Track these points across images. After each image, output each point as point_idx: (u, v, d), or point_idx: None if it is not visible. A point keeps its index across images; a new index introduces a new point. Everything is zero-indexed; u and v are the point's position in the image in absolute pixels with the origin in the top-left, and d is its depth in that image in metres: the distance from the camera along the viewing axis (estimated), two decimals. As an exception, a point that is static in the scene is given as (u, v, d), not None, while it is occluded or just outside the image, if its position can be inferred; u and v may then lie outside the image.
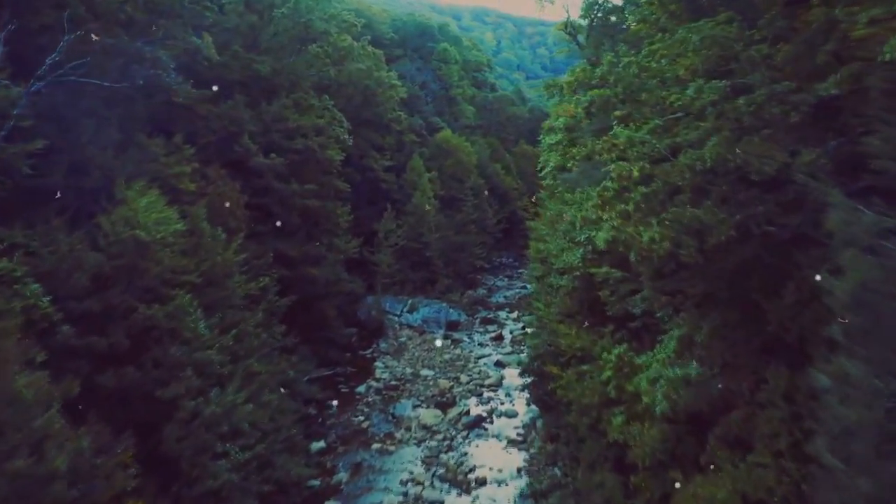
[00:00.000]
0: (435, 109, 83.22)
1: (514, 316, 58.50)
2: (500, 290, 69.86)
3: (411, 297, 55.43)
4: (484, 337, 52.54)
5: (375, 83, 59.19)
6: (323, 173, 43.96)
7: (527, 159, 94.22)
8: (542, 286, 38.88)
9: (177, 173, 30.54)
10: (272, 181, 38.83)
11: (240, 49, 41.90)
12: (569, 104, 44.83)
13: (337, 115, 46.73)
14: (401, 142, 66.19)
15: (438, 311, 53.38)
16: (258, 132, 39.74)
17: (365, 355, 47.11)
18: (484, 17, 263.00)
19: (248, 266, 30.94)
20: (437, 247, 59.79)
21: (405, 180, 62.77)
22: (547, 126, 61.05)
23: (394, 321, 52.53)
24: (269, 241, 37.92)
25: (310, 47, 47.55)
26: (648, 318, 24.69)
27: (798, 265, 15.32)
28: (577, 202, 36.15)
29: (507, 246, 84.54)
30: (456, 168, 70.17)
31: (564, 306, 31.63)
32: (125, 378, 22.03)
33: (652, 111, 17.27)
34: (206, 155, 37.11)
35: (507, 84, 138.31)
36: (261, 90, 43.77)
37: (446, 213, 66.64)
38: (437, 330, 51.42)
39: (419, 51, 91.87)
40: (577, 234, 30.42)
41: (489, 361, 46.37)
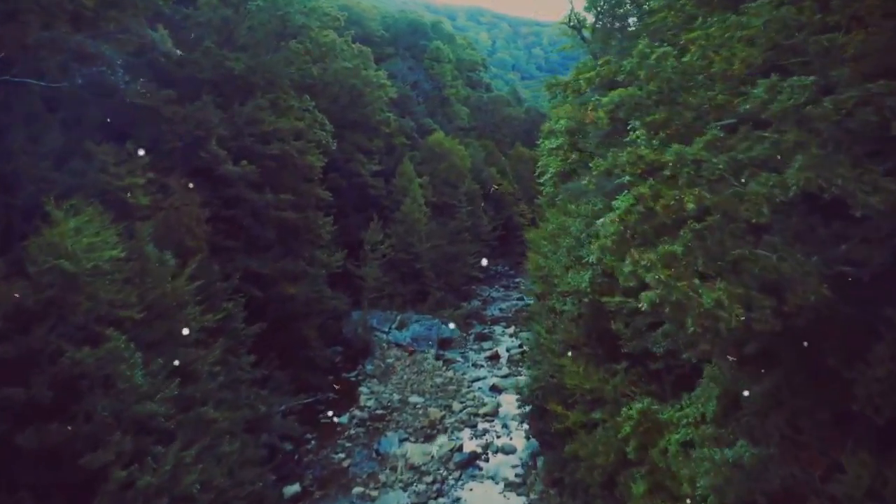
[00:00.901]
0: (427, 110, 79.34)
1: (511, 332, 54.80)
2: (495, 301, 66.12)
3: (401, 312, 51.63)
4: (479, 356, 48.79)
5: (362, 83, 55.37)
6: (303, 181, 40.13)
7: (523, 163, 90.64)
8: (542, 306, 35.18)
9: (128, 185, 26.75)
10: (244, 191, 35.00)
11: (212, 45, 38.13)
12: (575, 105, 41.16)
13: (318, 117, 42.95)
14: (390, 145, 62.36)
15: (430, 328, 49.59)
16: (229, 136, 35.91)
17: (349, 378, 43.30)
18: (479, 17, 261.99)
19: (209, 292, 27.07)
20: (429, 258, 55.99)
21: (395, 186, 58.99)
22: (546, 129, 57.26)
23: (382, 339, 48.74)
24: (238, 259, 34.13)
25: (290, 44, 43.77)
26: (672, 360, 20.99)
27: (891, 322, 11.64)
28: (583, 215, 32.48)
29: (503, 253, 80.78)
30: (449, 172, 66.39)
31: (569, 335, 27.88)
32: (49, 437, 18.27)
33: (695, 116, 13.55)
34: (171, 162, 33.45)
35: (502, 84, 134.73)
36: (235, 90, 39.99)
37: (439, 221, 62.86)
38: (428, 349, 47.65)
39: (411, 49, 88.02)
40: (586, 253, 26.72)
41: (484, 385, 42.64)
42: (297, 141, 39.10)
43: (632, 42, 30.99)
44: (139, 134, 32.50)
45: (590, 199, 31.42)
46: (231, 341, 28.59)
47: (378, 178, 58.81)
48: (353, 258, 49.91)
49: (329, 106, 54.71)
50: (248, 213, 35.61)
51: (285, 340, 38.75)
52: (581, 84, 34.43)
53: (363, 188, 57.05)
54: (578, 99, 30.22)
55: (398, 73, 76.35)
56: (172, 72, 36.04)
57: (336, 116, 55.24)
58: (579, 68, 33.71)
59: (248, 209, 35.60)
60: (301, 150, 39.13)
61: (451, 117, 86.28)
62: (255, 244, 35.74)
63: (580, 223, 32.50)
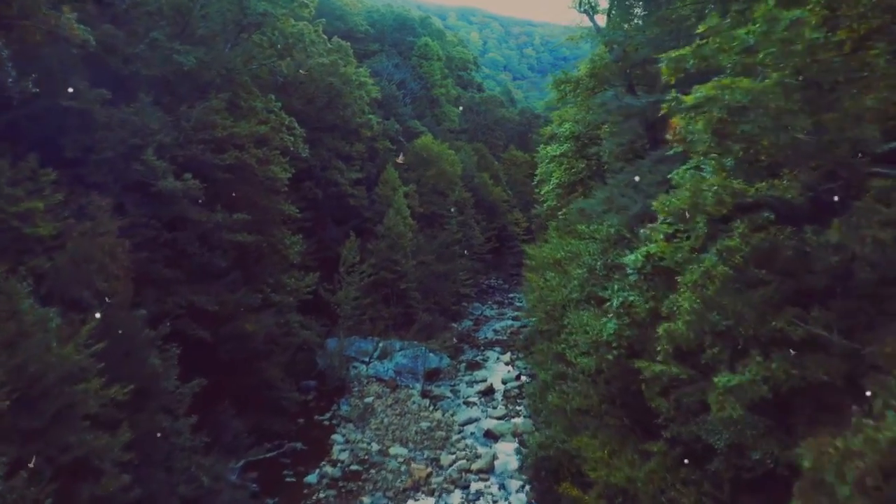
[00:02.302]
0: (414, 112, 73.53)
1: (506, 359, 49.10)
2: (488, 321, 60.39)
3: (383, 338, 45.79)
4: (471, 390, 43.04)
5: (341, 81, 49.55)
6: (265, 194, 34.28)
7: (518, 167, 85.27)
8: (547, 349, 29.50)
9: (24, 211, 20.96)
10: (188, 209, 29.11)
11: (160, 37, 32.38)
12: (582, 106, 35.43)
13: (286, 120, 37.13)
14: (372, 149, 56.50)
15: (415, 358, 43.81)
16: (174, 144, 30.07)
17: (322, 422, 37.48)
18: (470, 17, 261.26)
19: (130, 345, 21.23)
20: (415, 276, 50.15)
21: (377, 195, 53.13)
22: (547, 133, 51.80)
23: (361, 370, 42.93)
24: (181, 292, 28.30)
25: (252, 36, 38.00)
26: (739, 457, 15.31)
27: None
28: (598, 239, 26.81)
29: (497, 265, 75.27)
30: (438, 180, 60.66)
31: (586, 399, 22.15)
32: None
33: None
34: (101, 177, 27.72)
35: (494, 85, 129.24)
36: (188, 90, 34.27)
37: (426, 233, 57.10)
38: (413, 383, 41.90)
39: (398, 46, 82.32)
40: (608, 293, 21.08)
41: (478, 430, 36.93)
42: (259, 148, 33.25)
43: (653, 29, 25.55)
44: (69, 143, 27.08)
45: (606, 221, 25.85)
46: (160, 404, 22.77)
47: (359, 187, 53.06)
48: (331, 280, 44.17)
49: (304, 107, 49.11)
50: (195, 236, 29.73)
51: (244, 383, 33.02)
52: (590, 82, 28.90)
53: (342, 198, 51.27)
54: (598, 98, 24.60)
55: (383, 71, 70.59)
56: (119, 68, 30.50)
57: (312, 119, 49.59)
58: (594, 61, 28.14)
59: (195, 231, 29.73)
60: (263, 159, 33.31)
61: (440, 119, 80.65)
62: (203, 273, 29.89)
63: (595, 249, 26.84)
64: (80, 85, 27.07)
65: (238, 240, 30.36)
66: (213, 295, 29.98)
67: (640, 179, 23.66)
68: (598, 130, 34.28)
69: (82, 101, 27.00)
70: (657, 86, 23.12)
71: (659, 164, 22.61)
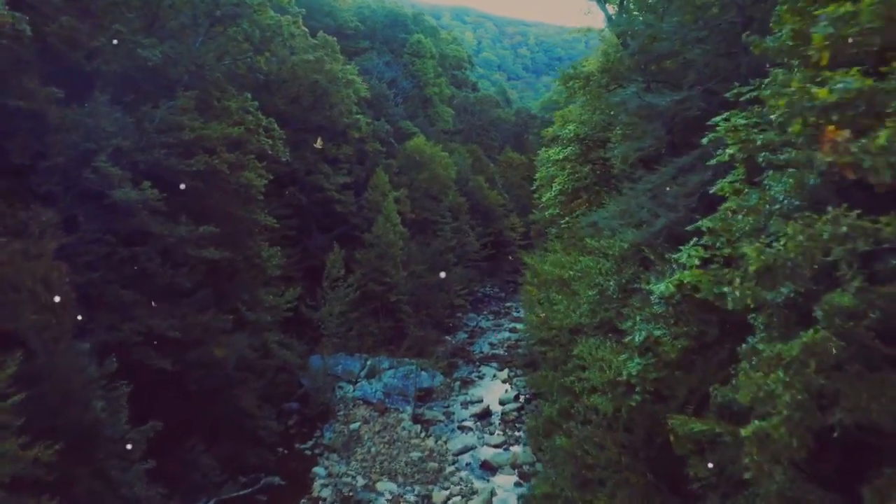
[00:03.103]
0: (406, 112, 70.22)
1: (504, 376, 45.94)
2: (484, 333, 57.18)
3: (371, 355, 42.57)
4: (465, 412, 39.87)
5: (326, 79, 46.26)
6: (239, 203, 31.05)
7: (514, 169, 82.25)
8: (552, 378, 26.41)
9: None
10: (148, 222, 25.86)
11: (123, 29, 29.17)
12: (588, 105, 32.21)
13: (263, 121, 33.88)
14: (361, 152, 53.20)
15: (406, 377, 40.59)
16: (133, 148, 26.84)
17: (303, 451, 34.27)
18: (464, 17, 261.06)
19: (66, 389, 18.00)
20: (406, 288, 46.92)
21: (366, 200, 49.89)
22: (549, 134, 48.66)
23: (347, 391, 39.70)
24: (139, 317, 25.03)
25: (228, 30, 34.74)
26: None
27: None
28: (610, 254, 23.67)
29: (493, 272, 72.13)
30: (431, 184, 57.44)
31: (602, 451, 18.97)
32: None
33: None
34: (52, 186, 24.68)
35: (488, 85, 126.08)
36: (155, 87, 31.03)
37: (419, 240, 53.89)
38: (403, 405, 38.70)
39: (389, 43, 79.07)
40: (634, 329, 17.93)
41: (474, 460, 33.77)
42: (232, 152, 30.02)
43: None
44: (13, 148, 24.02)
45: (619, 235, 22.72)
46: (108, 452, 19.57)
47: (347, 192, 49.80)
48: (316, 291, 40.97)
49: (287, 107, 45.90)
50: (157, 251, 26.48)
51: (215, 413, 29.84)
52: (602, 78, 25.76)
53: (328, 204, 48.05)
54: (615, 96, 21.39)
55: (373, 69, 67.29)
56: (80, 65, 27.43)
57: (296, 119, 46.48)
58: (608, 54, 24.95)
59: (157, 247, 26.48)
60: (236, 164, 30.07)
61: (433, 119, 77.42)
62: (165, 294, 26.63)
63: (607, 267, 23.70)
64: (30, 83, 24.12)
65: (205, 256, 26.99)
66: (178, 318, 26.74)
67: (659, 189, 20.59)
68: (605, 132, 31.22)
69: (32, 100, 23.99)
70: (682, 82, 19.99)
71: (686, 174, 19.51)
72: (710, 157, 19.12)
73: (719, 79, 20.07)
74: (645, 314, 18.31)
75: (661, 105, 18.56)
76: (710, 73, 20.02)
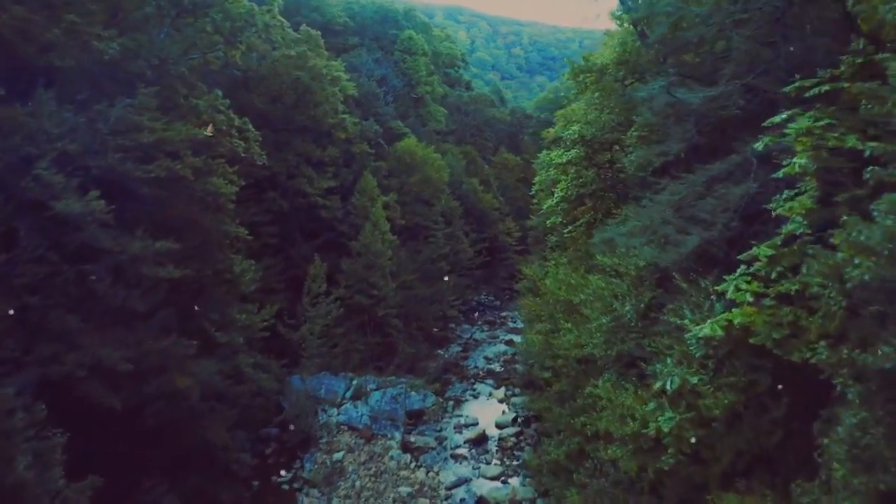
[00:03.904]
0: (396, 111, 66.92)
1: (500, 395, 42.79)
2: (479, 345, 53.99)
3: (358, 373, 39.34)
4: (459, 437, 36.79)
5: (310, 75, 43.02)
6: (207, 213, 27.82)
7: (509, 171, 79.21)
8: (559, 414, 23.30)
9: None
10: (98, 236, 22.62)
11: (78, 20, 25.98)
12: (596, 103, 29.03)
13: (236, 120, 30.69)
14: (348, 154, 49.93)
15: (395, 399, 37.44)
16: (84, 152, 23.63)
17: (281, 485, 31.07)
18: (457, 16, 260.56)
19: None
20: (396, 300, 43.68)
21: (353, 206, 46.66)
22: (550, 135, 45.56)
23: (331, 415, 36.45)
24: (86, 345, 21.78)
25: (198, 21, 31.51)
26: None
27: None
28: (629, 276, 20.58)
29: (487, 278, 68.92)
30: (422, 187, 54.24)
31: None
32: None
33: None
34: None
35: (482, 85, 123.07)
36: (113, 84, 27.78)
37: (410, 247, 50.71)
38: (391, 431, 35.52)
39: (379, 40, 75.78)
40: (663, 374, 14.81)
41: (468, 494, 30.64)
42: (199, 156, 26.80)
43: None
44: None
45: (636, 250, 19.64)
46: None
47: (333, 196, 46.58)
48: (299, 302, 37.80)
49: (268, 106, 42.68)
50: (109, 270, 23.24)
51: (179, 449, 26.65)
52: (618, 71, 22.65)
53: (312, 210, 44.85)
54: (638, 91, 18.25)
55: (362, 66, 64.02)
56: (33, 59, 24.40)
57: (278, 119, 43.26)
58: (625, 43, 21.79)
59: (109, 264, 23.24)
60: (203, 170, 26.87)
61: (425, 119, 74.15)
62: (118, 318, 23.38)
63: (622, 288, 20.61)
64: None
65: (163, 275, 23.75)
66: (133, 345, 23.48)
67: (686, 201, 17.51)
68: (614, 134, 28.12)
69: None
70: (716, 77, 16.87)
71: (720, 184, 16.42)
72: (750, 165, 16.12)
73: (758, 72, 17.02)
74: (676, 354, 15.22)
75: (693, 102, 15.46)
76: (748, 65, 16.93)
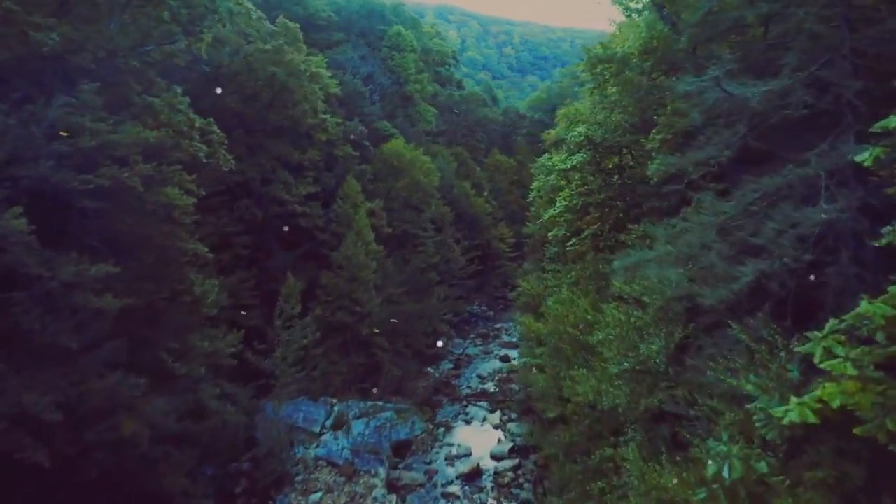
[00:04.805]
0: (384, 111, 63.29)
1: (496, 420, 39.38)
2: (471, 361, 50.56)
3: (339, 398, 35.80)
4: (451, 471, 33.39)
5: (286, 71, 39.41)
6: (160, 228, 24.19)
7: (502, 173, 75.82)
8: (570, 471, 19.86)
9: None
10: (26, 259, 19.03)
11: (16, 8, 22.52)
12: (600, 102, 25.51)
13: (196, 121, 27.12)
14: (330, 157, 46.34)
15: (379, 428, 33.94)
16: (11, 160, 20.11)
17: (249, 533, 27.49)
18: (447, 15, 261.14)
19: None
20: (381, 316, 40.11)
21: (336, 213, 43.09)
22: (550, 137, 42.21)
23: (309, 449, 32.89)
24: (9, 391, 18.20)
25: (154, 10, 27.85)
26: None
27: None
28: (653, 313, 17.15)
29: (480, 286, 65.45)
30: (411, 192, 50.76)
31: None
32: None
33: None
34: None
35: (473, 84, 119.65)
36: (53, 80, 24.22)
37: (396, 257, 47.16)
38: (375, 466, 31.98)
39: (366, 35, 72.15)
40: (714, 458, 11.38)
41: (461, 543, 27.15)
42: (148, 163, 23.18)
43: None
44: None
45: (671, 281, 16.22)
46: None
47: (313, 203, 43.00)
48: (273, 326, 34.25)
49: (242, 106, 39.10)
50: (39, 299, 19.63)
51: (130, 500, 23.07)
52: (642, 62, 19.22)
53: (290, 218, 41.23)
54: (680, 85, 14.72)
55: (347, 63, 60.38)
56: None
57: (253, 119, 39.68)
58: (653, 28, 18.34)
59: (38, 293, 19.63)
60: (155, 179, 23.27)
61: (414, 119, 70.58)
62: (49, 356, 19.77)
63: (646, 319, 17.19)
64: None
65: (101, 305, 20.13)
66: (68, 386, 19.91)
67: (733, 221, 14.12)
68: (626, 136, 24.73)
69: None
70: (770, 67, 13.49)
71: (779, 202, 13.04)
72: (817, 181, 12.77)
73: (821, 62, 13.64)
74: (731, 432, 11.81)
75: (751, 99, 12.06)
76: (811, 53, 13.53)
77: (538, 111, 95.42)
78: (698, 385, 14.56)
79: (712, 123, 13.36)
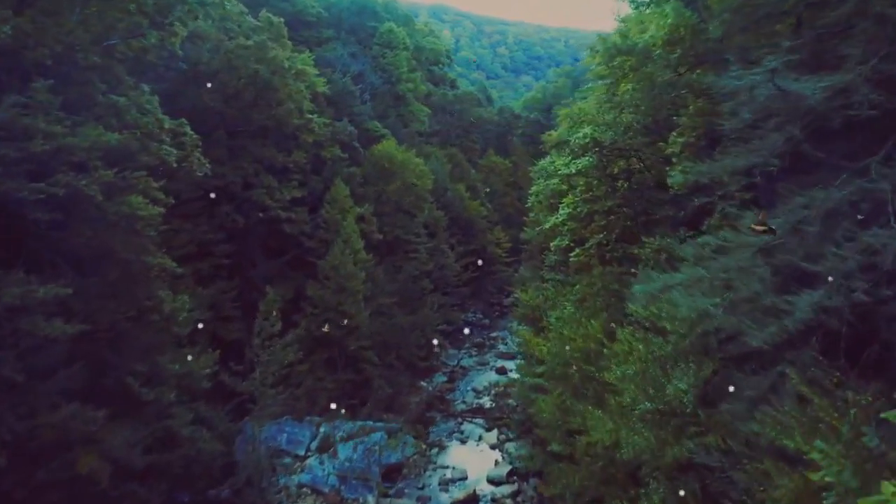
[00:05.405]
0: (374, 111, 60.95)
1: (493, 439, 37.18)
2: (467, 374, 48.36)
3: (326, 418, 33.54)
4: (445, 498, 31.20)
5: (270, 69, 37.13)
6: (122, 242, 21.87)
7: (497, 175, 73.68)
8: None
9: None
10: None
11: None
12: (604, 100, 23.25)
13: (165, 122, 24.83)
14: (318, 159, 44.04)
15: (368, 452, 31.69)
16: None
17: (226, 571, 25.20)
18: (441, 15, 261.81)
19: None
20: (371, 329, 37.86)
21: (324, 218, 40.83)
22: (552, 139, 40.05)
23: (294, 471, 30.66)
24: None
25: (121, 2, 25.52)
26: None
27: None
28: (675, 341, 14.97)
29: (475, 293, 63.27)
30: (403, 196, 48.49)
31: None
32: None
33: None
34: None
35: (467, 84, 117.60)
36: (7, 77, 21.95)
37: (387, 265, 44.92)
38: (364, 494, 29.77)
39: (356, 32, 69.86)
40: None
41: (456, 581, 24.92)
42: (110, 169, 20.89)
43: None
44: None
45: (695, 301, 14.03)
46: None
47: (299, 208, 40.72)
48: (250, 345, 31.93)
49: (222, 105, 36.82)
50: (-23, 322, 17.36)
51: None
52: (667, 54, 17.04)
53: (275, 224, 38.96)
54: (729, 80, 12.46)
55: (337, 61, 58.06)
56: None
57: (234, 120, 37.40)
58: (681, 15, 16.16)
59: (-23, 315, 17.36)
60: (117, 186, 20.97)
61: (406, 120, 68.27)
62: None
63: (668, 349, 15.03)
64: None
65: (49, 332, 17.83)
66: (15, 420, 17.64)
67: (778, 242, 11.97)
68: (638, 138, 22.57)
69: None
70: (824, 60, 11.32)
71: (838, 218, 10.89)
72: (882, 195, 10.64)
73: (880, 55, 11.49)
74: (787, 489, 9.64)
75: (810, 96, 9.90)
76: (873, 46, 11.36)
77: (533, 111, 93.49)
78: (732, 431, 12.45)
79: (757, 126, 11.18)
